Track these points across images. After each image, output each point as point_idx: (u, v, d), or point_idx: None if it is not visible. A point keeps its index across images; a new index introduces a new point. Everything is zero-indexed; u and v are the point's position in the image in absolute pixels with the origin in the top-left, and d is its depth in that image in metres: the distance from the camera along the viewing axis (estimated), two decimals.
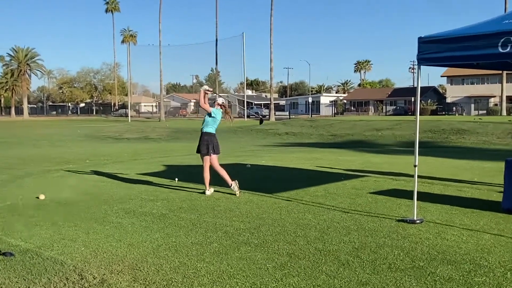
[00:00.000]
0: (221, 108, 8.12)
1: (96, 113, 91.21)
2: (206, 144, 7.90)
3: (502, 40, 5.14)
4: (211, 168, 7.98)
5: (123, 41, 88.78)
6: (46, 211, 6.81)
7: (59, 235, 5.45)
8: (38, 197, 7.81)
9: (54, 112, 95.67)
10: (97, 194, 8.12)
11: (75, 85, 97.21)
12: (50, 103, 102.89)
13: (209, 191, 7.98)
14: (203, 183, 8.17)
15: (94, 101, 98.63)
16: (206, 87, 8.14)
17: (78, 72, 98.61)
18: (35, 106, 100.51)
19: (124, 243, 5.11)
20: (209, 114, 7.92)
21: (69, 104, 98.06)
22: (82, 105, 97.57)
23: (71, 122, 57.90)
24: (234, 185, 7.79)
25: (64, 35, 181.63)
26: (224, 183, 8.00)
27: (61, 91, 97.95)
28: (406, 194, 7.57)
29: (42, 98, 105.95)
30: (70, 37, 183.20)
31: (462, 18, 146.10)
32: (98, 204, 7.23)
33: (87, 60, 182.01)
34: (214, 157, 7.96)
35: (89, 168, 12.17)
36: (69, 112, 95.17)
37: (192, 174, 10.59)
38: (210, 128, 7.96)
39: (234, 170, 11.33)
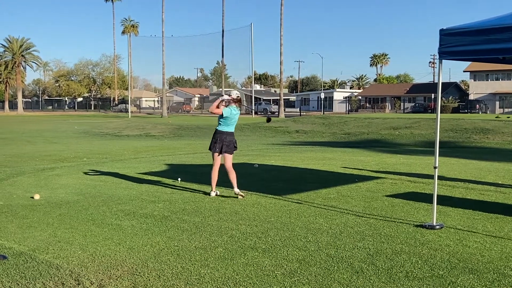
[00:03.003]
0: (233, 103, 8.00)
1: (94, 108, 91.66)
2: (215, 141, 7.91)
3: None
4: (223, 168, 7.93)
5: (123, 32, 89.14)
6: (41, 212, 6.86)
7: (54, 238, 5.48)
8: (32, 197, 7.87)
9: (50, 107, 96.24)
10: (95, 195, 8.16)
11: (72, 78, 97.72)
12: (46, 97, 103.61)
13: (214, 192, 7.99)
14: (209, 183, 8.18)
15: (92, 96, 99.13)
16: (226, 97, 8.06)
17: (75, 65, 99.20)
18: (30, 100, 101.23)
19: (124, 246, 5.13)
20: (221, 116, 7.91)
21: (66, 99, 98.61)
22: (80, 99, 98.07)
23: (68, 117, 58.26)
24: (238, 192, 7.79)
25: (61, 25, 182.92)
26: (229, 185, 8.01)
27: (57, 84, 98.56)
28: (425, 198, 7.54)
29: (38, 92, 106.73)
30: (68, 27, 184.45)
31: (488, 9, 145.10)
32: (96, 205, 7.27)
33: (86, 52, 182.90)
34: (227, 156, 7.93)
35: (86, 166, 12.24)
36: (66, 107, 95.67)
37: (196, 174, 10.62)
38: (222, 126, 7.95)
39: (241, 170, 11.35)
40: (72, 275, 4.28)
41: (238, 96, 8.12)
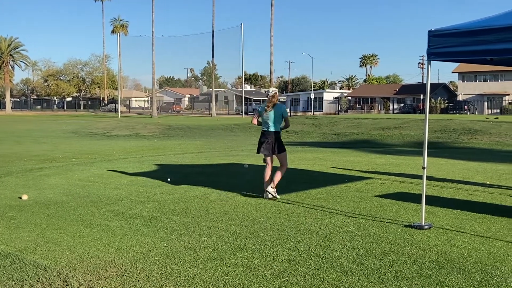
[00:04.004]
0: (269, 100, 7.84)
1: (83, 108, 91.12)
2: (259, 142, 7.88)
3: None
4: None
5: (113, 31, 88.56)
6: (29, 212, 6.81)
7: (42, 238, 5.44)
8: (20, 197, 7.81)
9: (39, 107, 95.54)
10: (83, 195, 8.11)
11: (61, 78, 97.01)
12: (35, 97, 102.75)
13: (270, 194, 7.74)
14: (199, 184, 8.16)
15: (81, 95, 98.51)
16: (255, 121, 8.07)
17: (64, 64, 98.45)
18: (18, 100, 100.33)
19: (112, 247, 5.10)
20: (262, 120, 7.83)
21: (55, 98, 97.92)
22: (69, 99, 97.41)
23: (57, 117, 57.85)
24: (270, 193, 7.67)
25: (50, 24, 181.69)
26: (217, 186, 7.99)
27: (46, 84, 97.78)
28: (414, 198, 7.58)
29: (26, 92, 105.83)
30: (57, 26, 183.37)
31: (476, 10, 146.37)
32: (84, 206, 7.23)
33: (75, 51, 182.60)
34: (277, 156, 7.85)
35: (75, 166, 12.16)
36: (55, 107, 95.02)
37: (186, 174, 10.59)
38: (263, 127, 7.84)
39: (231, 170, 11.34)
40: (60, 276, 4.25)
41: (274, 92, 7.93)
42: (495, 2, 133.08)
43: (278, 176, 7.74)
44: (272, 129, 7.78)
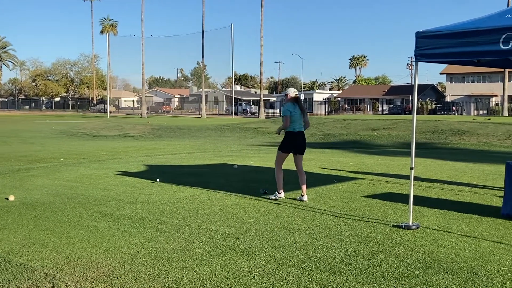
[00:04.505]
0: (291, 101, 7.70)
1: (72, 108, 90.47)
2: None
3: (504, 36, 5.20)
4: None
5: (102, 31, 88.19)
6: (16, 213, 6.74)
7: (29, 240, 5.39)
8: (7, 198, 7.73)
9: (27, 107, 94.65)
10: (71, 196, 8.06)
11: (49, 78, 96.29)
12: (23, 97, 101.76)
13: (278, 194, 7.75)
14: (188, 185, 8.14)
15: (70, 95, 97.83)
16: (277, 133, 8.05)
17: (53, 64, 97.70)
18: (5, 100, 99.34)
19: (100, 248, 5.07)
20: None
21: (43, 98, 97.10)
22: (57, 99, 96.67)
23: (45, 117, 57.40)
24: (275, 196, 7.65)
25: (39, 24, 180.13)
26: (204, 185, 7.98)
27: (34, 84, 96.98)
28: (402, 198, 7.63)
29: (14, 92, 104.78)
30: (45, 26, 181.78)
31: (466, 11, 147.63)
32: (72, 206, 7.18)
33: (63, 51, 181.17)
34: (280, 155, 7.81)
35: (63, 167, 12.07)
36: (43, 107, 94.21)
37: (175, 175, 10.55)
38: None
39: (220, 171, 11.32)
40: (47, 278, 4.22)
41: (296, 94, 7.78)
42: (485, 5, 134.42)
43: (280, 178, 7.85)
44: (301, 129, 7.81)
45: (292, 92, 7.79)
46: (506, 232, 5.70)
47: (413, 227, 5.83)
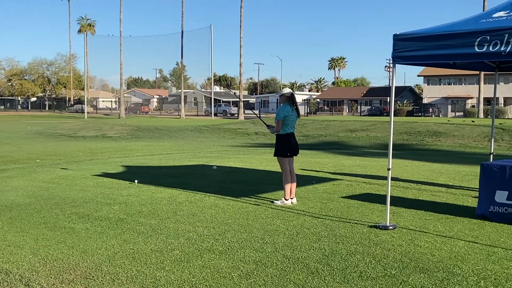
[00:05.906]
0: (286, 101, 7.61)
1: (49, 108, 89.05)
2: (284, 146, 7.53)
3: (478, 39, 5.30)
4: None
5: (80, 31, 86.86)
6: None
7: (4, 242, 5.30)
8: None
9: (2, 107, 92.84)
10: (47, 197, 7.94)
11: (26, 78, 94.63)
12: None
13: (285, 201, 7.40)
14: (167, 186, 8.09)
15: (47, 95, 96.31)
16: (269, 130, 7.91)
17: (29, 64, 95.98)
18: None
19: (77, 250, 5.01)
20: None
21: (19, 98, 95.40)
22: (34, 99, 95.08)
23: (21, 117, 56.44)
24: (282, 202, 7.41)
25: (14, 23, 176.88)
26: (187, 186, 7.95)
27: (10, 83, 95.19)
28: (380, 199, 7.70)
29: None
30: (21, 25, 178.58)
31: (442, 15, 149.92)
32: (48, 208, 7.07)
33: (40, 51, 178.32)
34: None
35: (39, 168, 11.89)
36: (19, 107, 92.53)
37: (153, 176, 10.48)
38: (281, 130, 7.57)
39: (199, 172, 11.29)
40: (22, 280, 4.15)
41: (291, 94, 7.70)
42: (463, 9, 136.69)
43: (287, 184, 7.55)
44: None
45: (287, 92, 7.75)
46: (480, 232, 5.80)
47: (390, 227, 5.90)
